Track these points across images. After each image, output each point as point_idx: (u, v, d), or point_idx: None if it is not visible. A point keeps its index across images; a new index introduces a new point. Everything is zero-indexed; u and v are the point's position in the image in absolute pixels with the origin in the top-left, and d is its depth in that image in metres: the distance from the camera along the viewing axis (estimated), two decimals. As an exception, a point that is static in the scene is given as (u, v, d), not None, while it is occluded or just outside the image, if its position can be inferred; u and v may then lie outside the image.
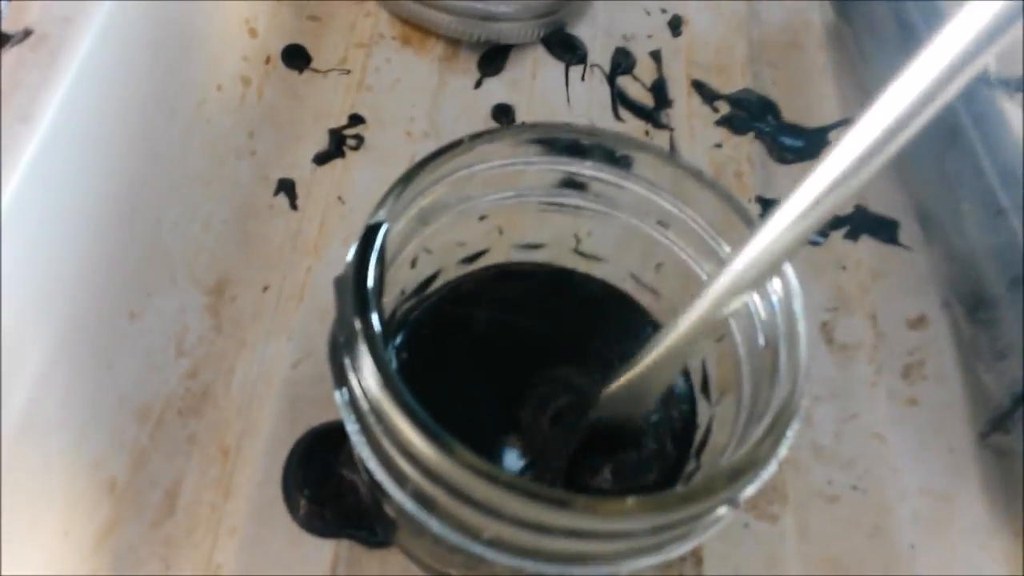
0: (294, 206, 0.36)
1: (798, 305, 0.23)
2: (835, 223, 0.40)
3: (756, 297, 0.25)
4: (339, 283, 0.23)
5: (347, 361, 0.21)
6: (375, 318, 0.21)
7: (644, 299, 0.30)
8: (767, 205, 0.40)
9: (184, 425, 0.31)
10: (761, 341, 0.24)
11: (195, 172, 0.35)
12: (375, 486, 0.23)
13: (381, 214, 0.23)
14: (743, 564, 0.31)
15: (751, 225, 0.24)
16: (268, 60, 0.40)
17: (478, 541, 0.21)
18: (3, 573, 0.25)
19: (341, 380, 0.22)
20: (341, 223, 0.36)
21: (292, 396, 0.32)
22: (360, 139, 0.38)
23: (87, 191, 0.27)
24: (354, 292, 0.22)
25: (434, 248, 0.27)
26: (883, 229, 0.40)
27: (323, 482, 0.30)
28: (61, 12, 0.24)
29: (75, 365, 0.27)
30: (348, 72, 0.41)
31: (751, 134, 0.42)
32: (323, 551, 0.29)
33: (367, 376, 0.20)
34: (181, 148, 0.34)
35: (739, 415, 0.24)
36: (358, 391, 0.21)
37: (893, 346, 0.37)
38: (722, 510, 0.21)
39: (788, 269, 0.24)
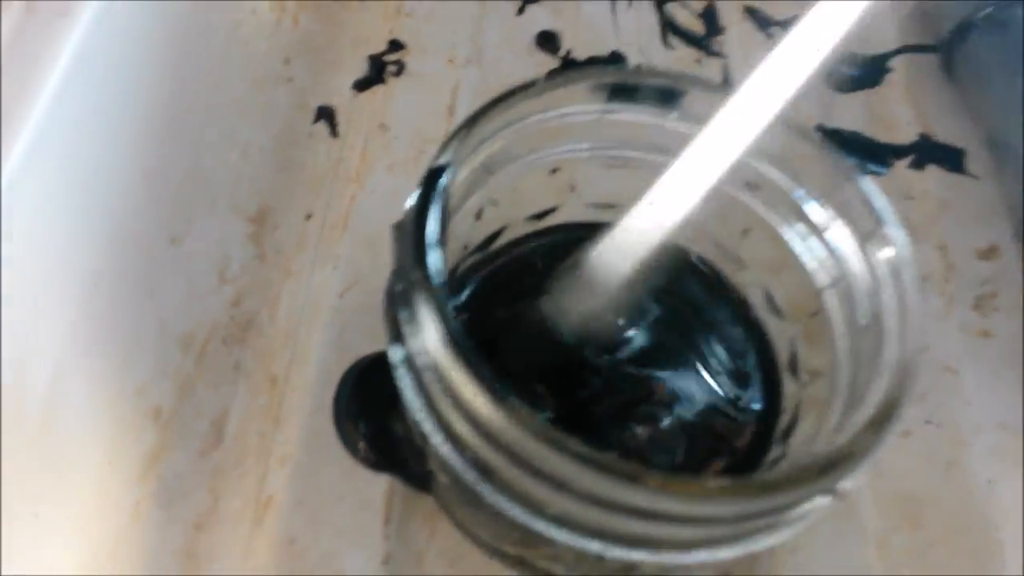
0: (335, 133, 0.35)
1: (910, 275, 0.20)
2: (899, 152, 0.38)
3: (858, 264, 0.22)
4: (397, 229, 0.21)
5: (404, 314, 0.19)
6: (437, 268, 0.19)
7: (727, 268, 0.27)
8: (829, 135, 0.38)
9: (229, 353, 0.29)
10: (863, 318, 0.21)
11: (232, 98, 0.33)
12: (429, 451, 0.22)
13: (444, 157, 0.21)
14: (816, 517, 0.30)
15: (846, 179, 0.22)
16: (303, -14, 0.38)
17: (541, 516, 0.19)
18: (47, 499, 0.23)
19: (396, 335, 0.20)
20: (384, 151, 0.34)
21: (340, 325, 0.30)
22: (401, 65, 0.37)
23: (124, 107, 0.26)
24: (414, 240, 0.19)
25: (500, 200, 0.25)
26: (949, 158, 0.38)
27: (375, 414, 0.29)
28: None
29: (117, 289, 0.26)
30: (387, -2, 0.39)
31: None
32: (378, 484, 0.27)
33: (427, 331, 0.18)
34: (217, 72, 0.32)
35: (834, 399, 0.21)
36: (415, 347, 0.19)
37: (964, 277, 0.35)
38: (819, 501, 0.18)
39: (898, 232, 0.21)
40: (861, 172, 0.33)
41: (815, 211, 0.23)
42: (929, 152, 0.38)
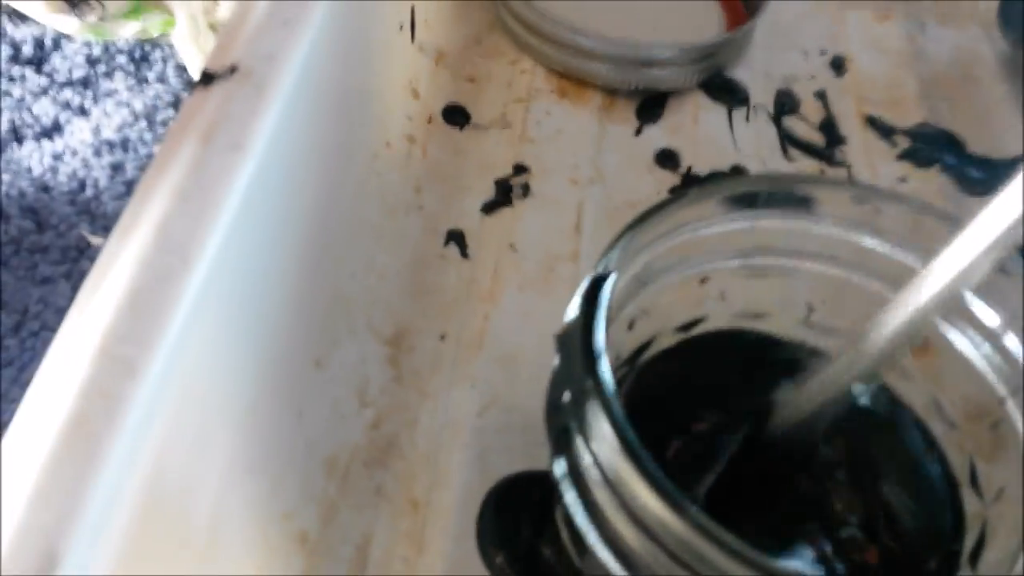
0: (465, 255, 0.36)
1: None
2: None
3: None
4: (561, 339, 0.21)
5: (573, 425, 0.19)
6: (608, 376, 0.19)
7: (893, 381, 0.26)
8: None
9: (371, 477, 0.29)
10: None
11: (369, 224, 0.35)
12: (590, 569, 0.21)
13: (607, 265, 0.21)
14: None
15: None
16: (430, 120, 0.40)
17: None
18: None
19: (561, 447, 0.20)
20: (515, 270, 0.35)
21: (480, 446, 0.30)
22: (526, 187, 0.38)
23: (283, 238, 0.27)
24: (583, 347, 0.20)
25: (652, 311, 0.25)
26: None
27: (521, 537, 0.28)
28: (266, 50, 0.24)
29: (270, 413, 0.27)
30: (508, 126, 0.40)
31: (936, 167, 0.40)
32: (525, 610, 0.26)
33: (601, 439, 0.18)
34: (357, 199, 0.34)
35: None
36: (586, 457, 0.19)
37: None
38: None
39: None
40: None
41: (987, 315, 0.22)
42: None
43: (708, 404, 0.26)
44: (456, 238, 0.36)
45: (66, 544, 0.15)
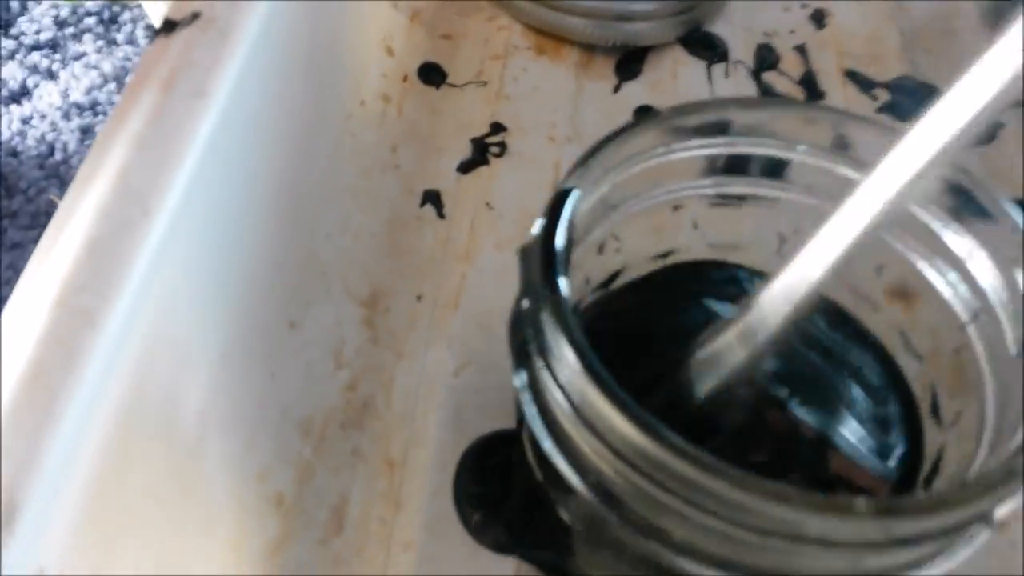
0: (441, 215, 0.35)
1: None
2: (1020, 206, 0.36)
3: (1004, 292, 0.21)
4: (524, 252, 0.21)
5: (530, 335, 0.19)
6: (564, 283, 0.19)
7: (863, 314, 0.26)
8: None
9: (347, 438, 0.29)
10: (1013, 348, 0.20)
11: (344, 184, 0.34)
12: (552, 484, 0.21)
13: (571, 181, 0.21)
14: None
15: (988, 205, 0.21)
16: (405, 78, 0.39)
17: (669, 545, 0.18)
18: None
19: (521, 359, 0.20)
20: (491, 229, 0.35)
21: (456, 405, 0.30)
22: (503, 146, 0.37)
23: (251, 193, 0.26)
24: (542, 257, 0.20)
25: (623, 237, 0.25)
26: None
27: (495, 494, 0.28)
28: (226, -2, 0.24)
29: (243, 371, 0.26)
30: (485, 84, 0.40)
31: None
32: (504, 567, 0.26)
33: (557, 349, 0.18)
34: (331, 158, 0.33)
35: (982, 435, 0.20)
36: (541, 367, 0.19)
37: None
38: (974, 531, 0.17)
39: None
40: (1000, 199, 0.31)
41: (953, 241, 0.22)
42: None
43: (672, 336, 0.26)
44: (432, 198, 0.36)
45: (23, 497, 0.15)
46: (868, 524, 0.16)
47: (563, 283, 0.19)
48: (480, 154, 0.37)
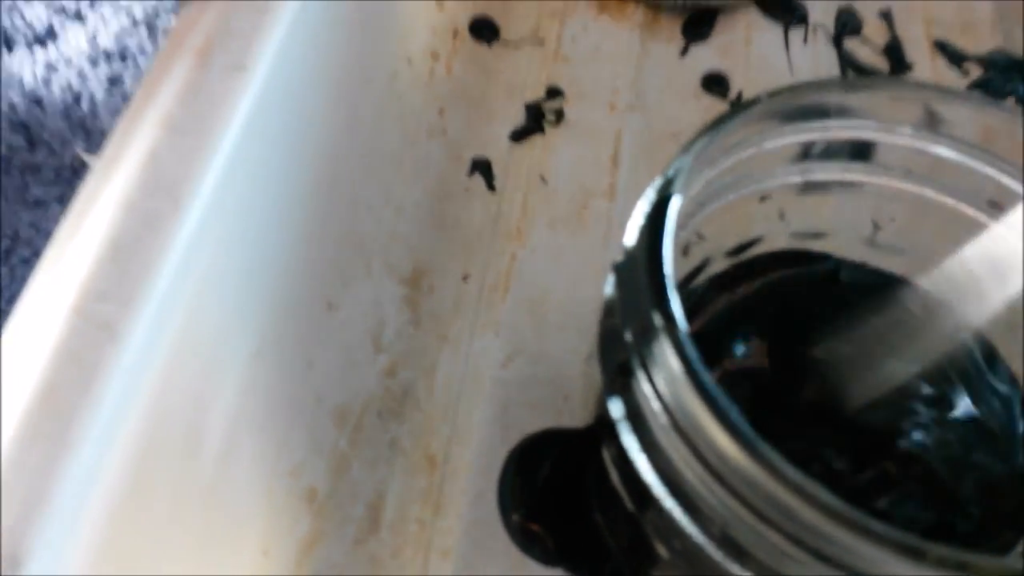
0: (491, 187, 0.33)
1: None
2: None
3: None
4: (621, 269, 0.19)
5: (635, 363, 0.17)
6: (678, 309, 0.17)
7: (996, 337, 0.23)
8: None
9: (385, 429, 0.27)
10: None
11: (388, 151, 0.32)
12: (654, 523, 0.19)
13: (671, 185, 0.19)
14: None
15: None
16: (456, 34, 0.36)
17: None
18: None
19: (618, 386, 0.18)
20: (545, 205, 0.32)
21: (504, 399, 0.28)
22: (560, 113, 0.34)
23: (290, 167, 0.24)
24: (649, 277, 0.17)
25: (707, 233, 0.23)
26: None
27: (545, 499, 0.26)
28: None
29: (277, 362, 0.24)
30: (541, 43, 0.37)
31: (1011, 99, 0.36)
32: (550, 580, 0.25)
33: (671, 380, 0.16)
34: (374, 124, 0.31)
35: None
36: (651, 398, 0.16)
37: None
38: None
39: None
40: None
41: None
42: None
43: (765, 332, 0.24)
44: (482, 168, 0.33)
45: (29, 547, 0.13)
46: None
47: (676, 306, 0.17)
48: (534, 121, 0.34)
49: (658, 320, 0.16)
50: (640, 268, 0.17)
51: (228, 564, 0.22)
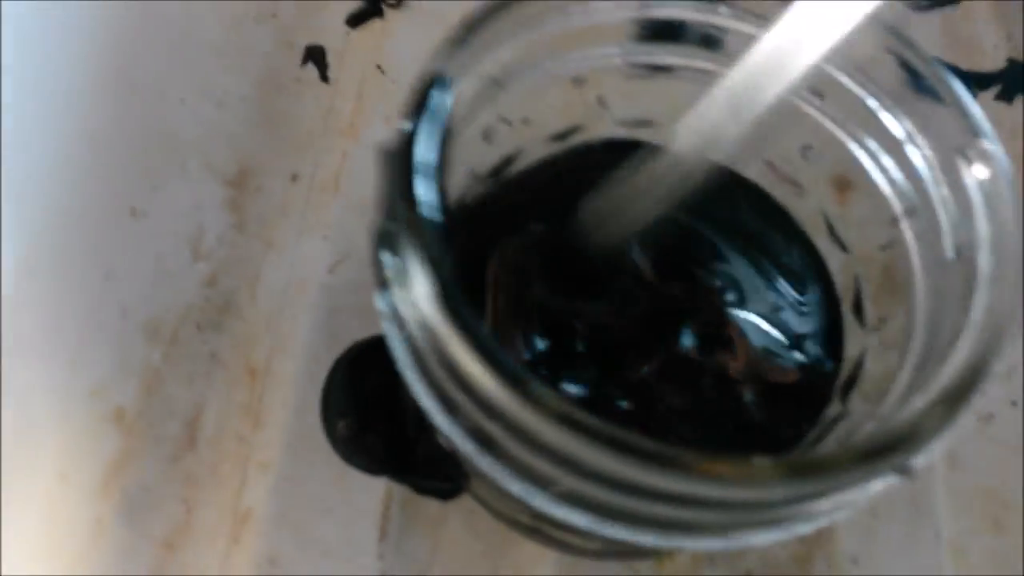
0: (325, 78, 0.30)
1: (1011, 200, 0.16)
2: (984, 80, 0.33)
3: (943, 186, 0.18)
4: (385, 154, 0.17)
5: (388, 259, 0.16)
6: (432, 203, 0.16)
7: (781, 193, 0.23)
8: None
9: (204, 342, 0.26)
10: (950, 250, 0.18)
11: (205, 38, 0.29)
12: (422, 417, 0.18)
13: (439, 65, 0.17)
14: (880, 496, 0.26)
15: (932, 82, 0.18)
16: (288, -96, 0.33)
17: (547, 495, 0.16)
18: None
19: (384, 281, 0.17)
20: (382, 98, 0.30)
21: (330, 306, 0.26)
22: (401, -6, 0.32)
23: (77, 45, 0.21)
24: (402, 168, 0.16)
25: (515, 119, 0.21)
26: (1044, 88, 0.33)
27: (371, 408, 0.25)
28: None
29: (63, 273, 0.22)
30: (384, -85, 0.34)
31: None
32: (372, 490, 0.24)
33: (417, 285, 0.15)
34: (188, 8, 0.28)
35: (908, 349, 0.18)
36: (402, 300, 0.15)
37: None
38: (882, 482, 0.15)
39: (995, 147, 0.17)
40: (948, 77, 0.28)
41: (891, 122, 0.19)
42: (1019, 81, 0.33)
43: (540, 212, 0.23)
44: (315, 56, 0.31)
45: None
46: (765, 487, 0.14)
47: (427, 198, 0.16)
48: (373, 3, 0.32)
49: (406, 214, 0.15)
50: (398, 155, 0.15)
51: (18, 490, 0.21)
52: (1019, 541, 0.25)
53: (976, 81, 0.33)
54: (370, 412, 0.25)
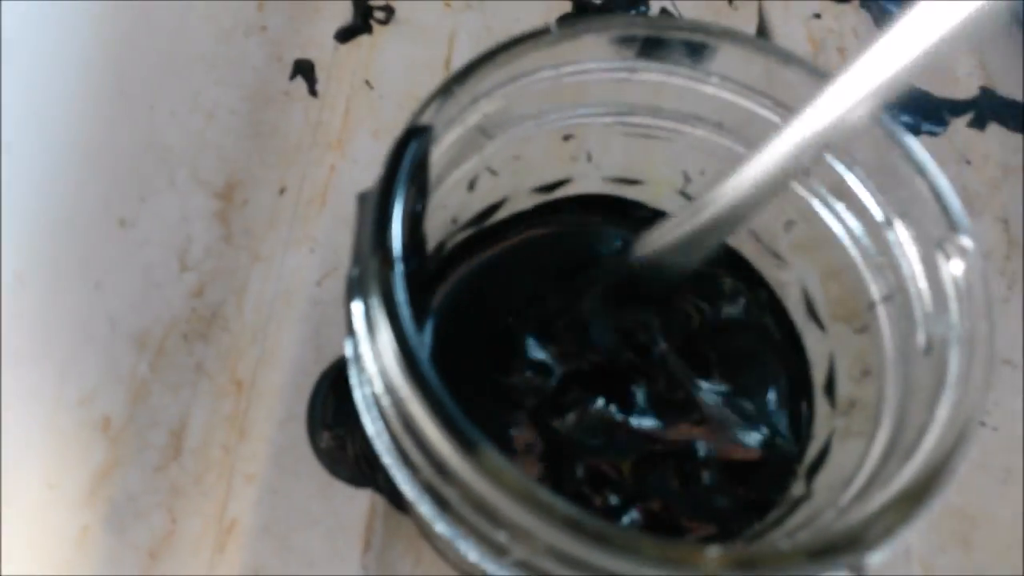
0: (313, 92, 0.31)
1: (983, 294, 0.16)
2: (957, 108, 0.34)
3: (920, 275, 0.18)
4: (363, 200, 0.17)
5: (357, 308, 0.16)
6: (399, 258, 0.16)
7: (764, 266, 0.23)
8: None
9: (190, 353, 0.26)
10: (922, 340, 0.18)
11: (196, 52, 0.29)
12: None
13: (426, 116, 0.18)
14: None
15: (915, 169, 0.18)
16: (279, -82, 0.34)
17: (501, 562, 0.15)
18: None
19: (351, 328, 0.17)
20: (369, 112, 0.30)
21: (317, 318, 0.27)
22: (390, 11, 0.32)
23: (61, 64, 0.22)
24: (376, 220, 0.16)
25: (501, 169, 0.22)
26: (1014, 115, 0.34)
27: (356, 421, 0.25)
28: None
29: (52, 283, 0.22)
30: (374, -69, 0.34)
31: (854, 2, 0.35)
32: (356, 504, 0.24)
33: (381, 336, 0.15)
34: (178, 18, 0.28)
35: (875, 437, 0.18)
36: (368, 350, 0.16)
37: (1028, 255, 0.31)
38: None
39: (972, 243, 0.17)
40: (914, 132, 0.28)
41: (872, 205, 0.19)
42: (991, 109, 0.34)
43: (562, 274, 0.23)
44: (304, 70, 0.31)
45: None
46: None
47: (398, 251, 0.16)
48: (362, 19, 0.32)
49: (375, 268, 0.15)
50: (371, 204, 0.16)
51: (6, 498, 0.21)
52: (986, 558, 0.26)
53: (950, 109, 0.34)
54: (355, 425, 0.25)
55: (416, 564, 0.24)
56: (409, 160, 0.16)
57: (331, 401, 0.26)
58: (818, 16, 0.35)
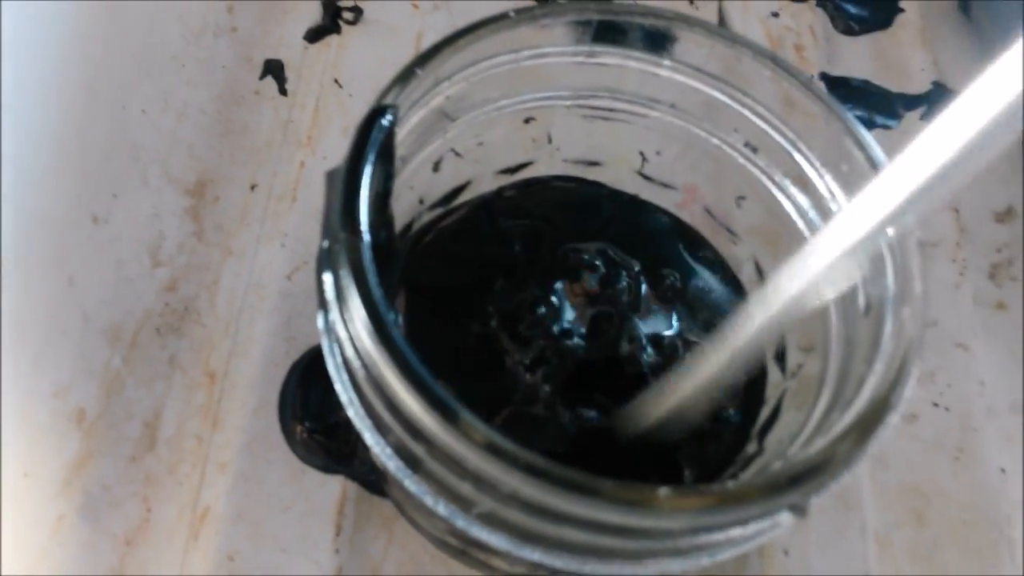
0: (283, 91, 0.31)
1: (917, 262, 0.18)
2: (911, 102, 0.35)
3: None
4: (331, 177, 0.18)
5: (328, 281, 0.17)
6: (367, 228, 0.16)
7: (719, 241, 0.24)
8: (833, 84, 0.35)
9: (163, 346, 0.26)
10: (862, 304, 0.19)
11: (167, 52, 0.30)
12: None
13: (390, 97, 0.18)
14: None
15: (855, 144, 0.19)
16: (248, -79, 0.34)
17: (469, 516, 0.16)
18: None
19: (322, 300, 0.17)
20: (338, 110, 0.31)
21: (288, 311, 0.27)
22: (358, 11, 0.33)
23: (38, 65, 0.22)
24: (344, 192, 0.17)
25: (465, 151, 0.22)
26: (965, 109, 0.35)
27: (327, 409, 0.26)
28: None
29: (25, 277, 0.23)
30: (342, -66, 0.35)
31: (811, 1, 0.37)
32: (328, 489, 0.25)
33: (352, 305, 0.16)
34: (148, 17, 0.29)
35: (820, 394, 0.19)
36: (339, 320, 0.16)
37: (978, 243, 0.32)
38: (782, 517, 0.16)
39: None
40: (868, 125, 0.29)
41: (819, 179, 0.20)
42: (944, 102, 0.35)
43: (521, 250, 0.24)
44: (274, 70, 0.32)
45: None
46: (670, 517, 0.15)
47: (365, 223, 0.16)
48: (331, 20, 0.33)
49: (341, 232, 0.16)
50: (339, 181, 0.16)
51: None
52: (939, 533, 0.27)
53: (903, 102, 0.35)
54: (325, 413, 0.26)
55: (388, 545, 0.25)
56: (376, 136, 0.17)
57: (302, 391, 0.26)
58: (776, 15, 0.36)
